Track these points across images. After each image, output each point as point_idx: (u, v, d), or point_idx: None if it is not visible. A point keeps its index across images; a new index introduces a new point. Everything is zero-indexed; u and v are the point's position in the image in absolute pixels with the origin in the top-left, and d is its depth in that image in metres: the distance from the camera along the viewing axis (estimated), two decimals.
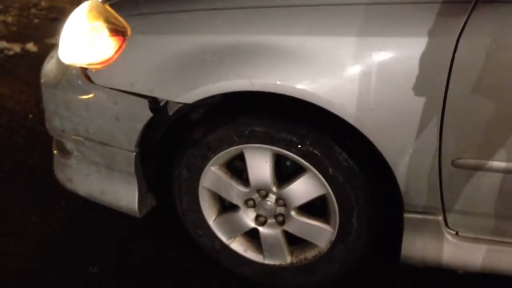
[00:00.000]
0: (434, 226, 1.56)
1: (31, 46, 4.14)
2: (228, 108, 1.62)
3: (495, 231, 1.54)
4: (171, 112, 1.61)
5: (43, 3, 5.27)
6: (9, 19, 4.87)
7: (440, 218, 1.55)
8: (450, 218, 1.55)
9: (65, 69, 1.75)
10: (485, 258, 1.56)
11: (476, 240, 1.56)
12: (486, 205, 1.48)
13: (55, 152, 1.98)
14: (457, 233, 1.57)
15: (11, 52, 4.07)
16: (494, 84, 1.32)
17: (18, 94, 3.32)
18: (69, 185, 1.93)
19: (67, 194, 1.99)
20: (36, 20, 4.89)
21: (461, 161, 1.43)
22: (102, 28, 1.61)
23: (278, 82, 1.43)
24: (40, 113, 3.05)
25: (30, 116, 3.05)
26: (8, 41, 4.27)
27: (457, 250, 1.57)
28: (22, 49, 4.11)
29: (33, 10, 5.08)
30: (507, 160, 1.39)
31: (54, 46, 4.29)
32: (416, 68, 1.35)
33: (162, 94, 1.56)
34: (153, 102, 1.58)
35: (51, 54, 1.97)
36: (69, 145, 1.86)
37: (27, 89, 3.37)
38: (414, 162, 1.45)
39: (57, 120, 1.81)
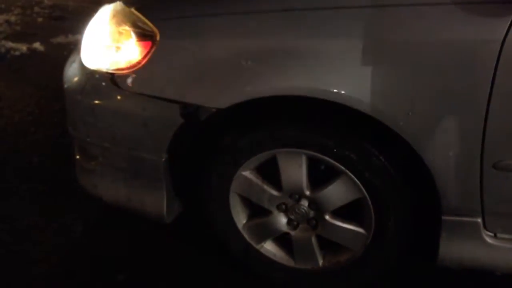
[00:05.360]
0: (473, 228, 1.54)
1: (37, 46, 4.07)
2: (259, 112, 1.58)
3: None
4: (203, 118, 1.57)
5: (46, 1, 5.18)
6: (12, 18, 4.79)
7: (479, 220, 1.52)
8: (489, 220, 1.53)
9: (89, 74, 1.71)
10: None
11: None
12: None
13: (78, 157, 1.94)
14: (495, 234, 1.55)
15: (17, 53, 4.01)
16: None
17: (28, 96, 3.27)
18: (94, 191, 1.90)
19: (89, 198, 1.95)
20: (40, 19, 4.81)
21: (503, 163, 1.40)
22: (129, 33, 1.57)
23: (316, 86, 1.40)
24: (51, 114, 3.01)
25: (43, 118, 3.01)
26: (13, 41, 4.21)
27: (495, 252, 1.55)
28: (29, 49, 4.04)
29: (36, 9, 5.00)
30: None
31: (61, 46, 4.21)
32: (459, 69, 1.32)
33: (196, 100, 1.53)
34: (184, 108, 1.55)
35: (71, 58, 1.92)
36: (94, 151, 1.82)
37: (37, 91, 3.32)
38: (454, 165, 1.43)
39: (81, 127, 1.78)
